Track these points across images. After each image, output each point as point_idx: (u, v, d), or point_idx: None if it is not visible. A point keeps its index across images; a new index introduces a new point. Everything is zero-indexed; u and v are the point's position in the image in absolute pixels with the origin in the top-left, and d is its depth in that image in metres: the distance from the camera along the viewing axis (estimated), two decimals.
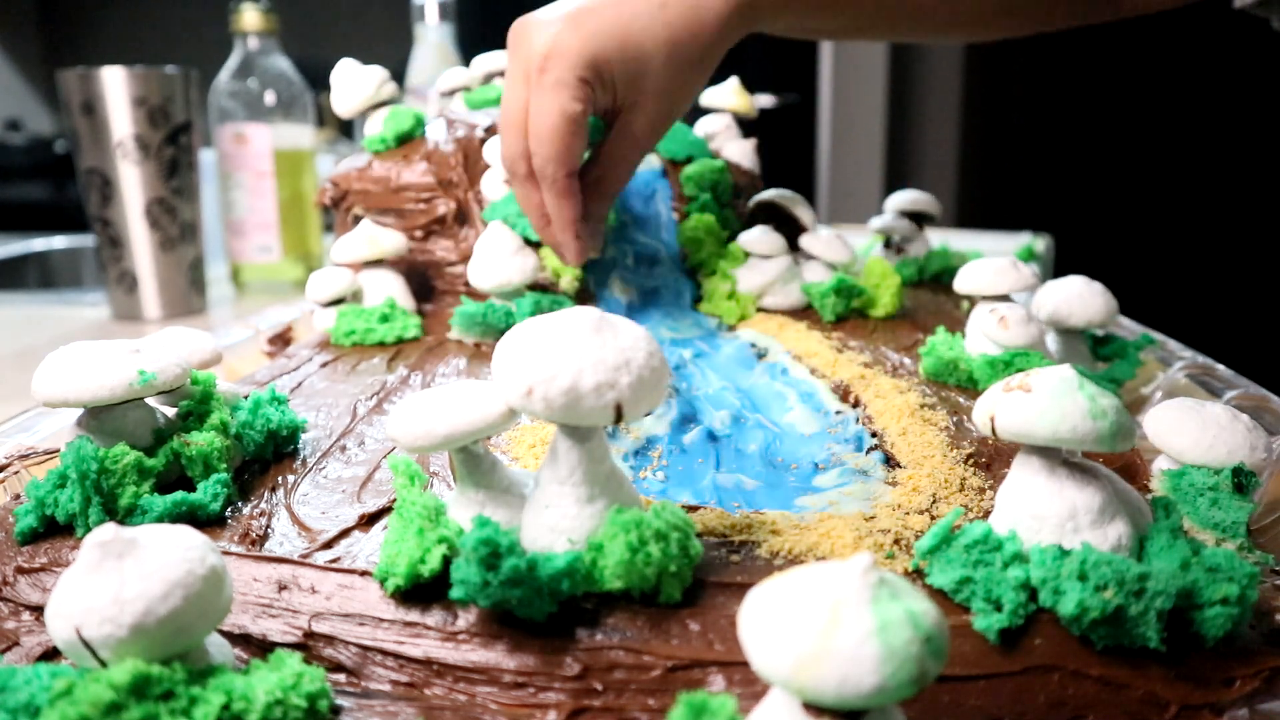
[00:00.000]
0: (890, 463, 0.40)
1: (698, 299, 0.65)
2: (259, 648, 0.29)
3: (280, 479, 0.38)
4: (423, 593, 0.29)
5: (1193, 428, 0.37)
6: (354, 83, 0.69)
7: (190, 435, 0.37)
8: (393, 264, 0.64)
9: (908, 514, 0.35)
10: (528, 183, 0.56)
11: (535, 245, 0.61)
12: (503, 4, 1.10)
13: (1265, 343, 1.70)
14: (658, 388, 0.28)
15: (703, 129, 0.75)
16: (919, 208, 0.77)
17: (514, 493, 0.31)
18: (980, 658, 0.27)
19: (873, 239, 0.83)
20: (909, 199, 0.77)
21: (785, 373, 0.52)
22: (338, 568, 0.31)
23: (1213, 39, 1.90)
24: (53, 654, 0.30)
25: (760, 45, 2.12)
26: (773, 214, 0.67)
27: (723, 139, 0.76)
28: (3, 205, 2.41)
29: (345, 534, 0.34)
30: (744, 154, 0.75)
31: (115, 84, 0.86)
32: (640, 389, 0.27)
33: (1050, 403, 0.29)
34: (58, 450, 0.41)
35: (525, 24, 0.54)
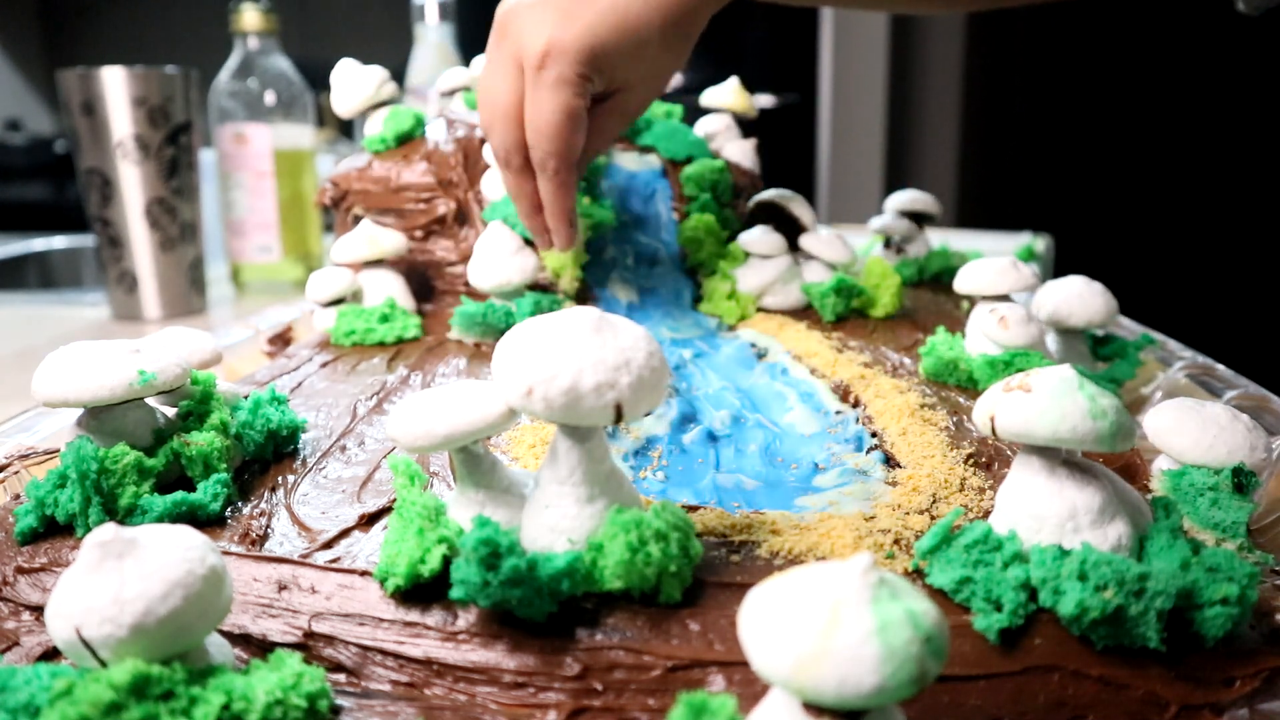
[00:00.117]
0: (890, 463, 0.40)
1: (698, 299, 0.65)
2: (259, 648, 0.29)
3: (280, 479, 0.38)
4: (423, 593, 0.29)
5: (1193, 428, 0.37)
6: (354, 83, 0.69)
7: (190, 435, 0.37)
8: (393, 264, 0.64)
9: (908, 514, 0.35)
10: (522, 173, 0.56)
11: (535, 246, 0.61)
12: None
13: (1265, 343, 1.70)
14: (658, 388, 0.28)
15: (703, 129, 0.75)
16: (919, 208, 0.77)
17: (514, 493, 0.31)
18: (980, 658, 0.27)
19: (873, 239, 0.83)
20: (909, 199, 0.77)
21: (785, 373, 0.52)
22: (338, 568, 0.31)
23: (1213, 39, 1.90)
24: (53, 654, 0.30)
25: (760, 45, 2.12)
26: (773, 214, 0.67)
27: (723, 139, 0.76)
28: (3, 205, 2.41)
29: (345, 534, 0.34)
30: (744, 154, 0.74)
31: (115, 84, 0.86)
32: (640, 389, 0.27)
33: (1050, 403, 0.29)
34: (58, 450, 0.41)
35: (514, 12, 0.54)
